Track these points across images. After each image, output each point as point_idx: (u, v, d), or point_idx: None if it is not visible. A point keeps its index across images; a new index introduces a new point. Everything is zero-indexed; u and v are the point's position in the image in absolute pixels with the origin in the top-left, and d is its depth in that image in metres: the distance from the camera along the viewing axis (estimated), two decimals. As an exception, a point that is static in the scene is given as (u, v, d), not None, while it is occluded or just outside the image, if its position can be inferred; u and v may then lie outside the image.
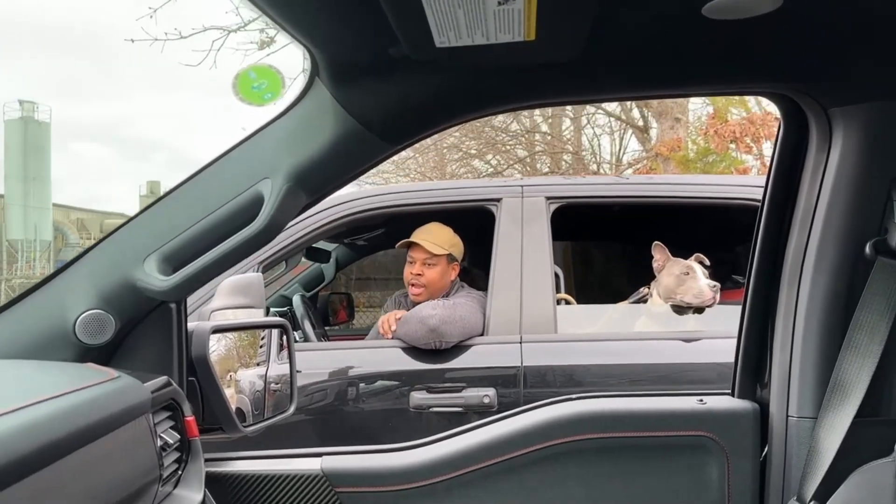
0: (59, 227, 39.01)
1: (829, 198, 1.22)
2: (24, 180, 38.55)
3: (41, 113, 40.86)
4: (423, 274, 2.72)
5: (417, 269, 2.73)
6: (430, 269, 2.72)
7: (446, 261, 2.75)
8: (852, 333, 1.19)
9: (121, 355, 1.17)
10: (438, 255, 2.72)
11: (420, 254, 2.73)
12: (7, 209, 37.72)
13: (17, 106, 40.32)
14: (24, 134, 39.39)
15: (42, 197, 39.09)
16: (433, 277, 2.73)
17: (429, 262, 2.72)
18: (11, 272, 34.13)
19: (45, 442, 0.75)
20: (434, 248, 2.71)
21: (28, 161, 39.12)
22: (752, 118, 7.80)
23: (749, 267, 1.37)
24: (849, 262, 1.22)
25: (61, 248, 36.18)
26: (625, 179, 3.02)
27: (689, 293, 2.63)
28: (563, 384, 2.46)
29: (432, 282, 2.73)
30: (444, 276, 2.75)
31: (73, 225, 40.08)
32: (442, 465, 1.37)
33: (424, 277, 2.72)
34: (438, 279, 2.74)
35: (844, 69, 1.10)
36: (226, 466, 1.38)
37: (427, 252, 2.71)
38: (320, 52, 1.00)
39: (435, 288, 2.74)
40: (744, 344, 1.39)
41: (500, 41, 0.90)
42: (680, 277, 2.67)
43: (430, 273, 2.72)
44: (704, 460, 1.37)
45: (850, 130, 1.17)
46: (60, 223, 39.53)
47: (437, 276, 2.73)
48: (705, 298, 2.60)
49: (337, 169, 1.14)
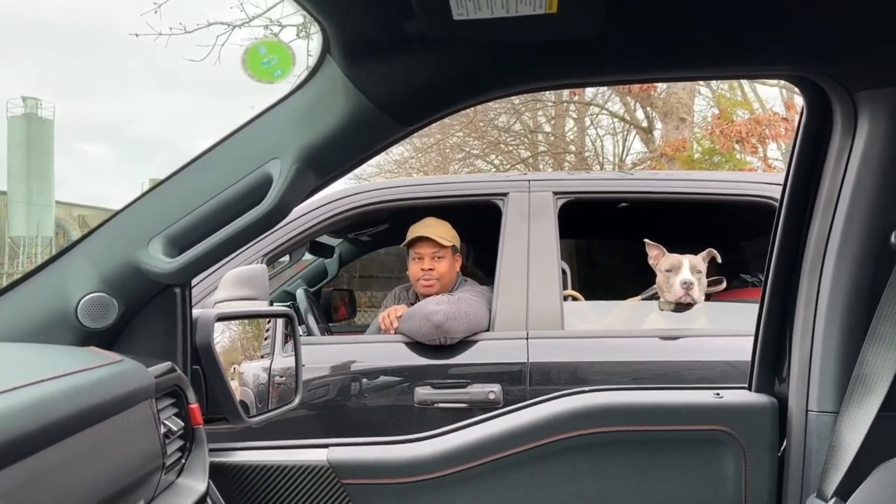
0: (60, 223, 39.03)
1: (853, 185, 1.19)
2: (26, 177, 38.59)
3: (44, 110, 40.96)
4: (434, 268, 2.72)
5: (428, 264, 2.72)
6: (439, 263, 2.72)
7: (451, 253, 2.75)
8: (876, 325, 1.16)
9: (123, 340, 1.14)
10: (445, 248, 2.72)
11: (428, 248, 2.72)
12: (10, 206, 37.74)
13: (20, 103, 40.41)
14: (28, 131, 39.45)
15: (45, 194, 39.13)
16: (444, 270, 2.73)
17: (438, 256, 2.72)
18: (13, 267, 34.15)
19: (46, 422, 0.72)
20: (442, 240, 2.70)
21: (31, 158, 39.17)
22: (758, 119, 7.77)
23: (768, 258, 1.34)
24: (873, 252, 1.19)
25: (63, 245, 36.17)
26: (632, 175, 2.98)
27: (670, 290, 2.60)
28: (570, 381, 2.42)
29: (444, 274, 2.73)
30: (452, 268, 2.77)
31: (76, 221, 40.06)
32: (450, 458, 1.34)
33: (436, 271, 2.72)
34: (448, 271, 2.75)
35: (871, 51, 1.07)
36: (230, 457, 1.35)
37: (436, 245, 2.70)
38: (333, 26, 0.97)
39: (446, 280, 2.74)
40: (762, 337, 1.36)
41: (520, 13, 0.87)
42: (665, 274, 2.65)
43: (441, 266, 2.73)
44: (720, 455, 1.33)
45: (876, 115, 1.14)
46: (62, 220, 39.56)
47: (447, 268, 2.74)
48: (678, 296, 2.57)
49: (348, 150, 1.11)
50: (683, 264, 2.60)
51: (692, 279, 2.56)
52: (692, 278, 2.56)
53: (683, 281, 2.55)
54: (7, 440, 0.66)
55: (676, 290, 2.57)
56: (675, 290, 2.57)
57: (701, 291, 2.60)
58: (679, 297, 2.56)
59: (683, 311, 2.61)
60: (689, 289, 2.54)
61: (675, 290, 2.57)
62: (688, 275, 2.57)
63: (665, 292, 2.64)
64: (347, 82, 1.04)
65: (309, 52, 6.17)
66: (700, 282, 2.60)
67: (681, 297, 2.56)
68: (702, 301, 2.61)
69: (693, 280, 2.56)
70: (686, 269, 2.59)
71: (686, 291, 2.55)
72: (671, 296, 2.60)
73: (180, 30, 6.76)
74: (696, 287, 2.56)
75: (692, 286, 2.55)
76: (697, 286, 2.56)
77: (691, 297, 2.55)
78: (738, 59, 1.10)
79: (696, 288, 2.55)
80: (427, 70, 1.04)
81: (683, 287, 2.55)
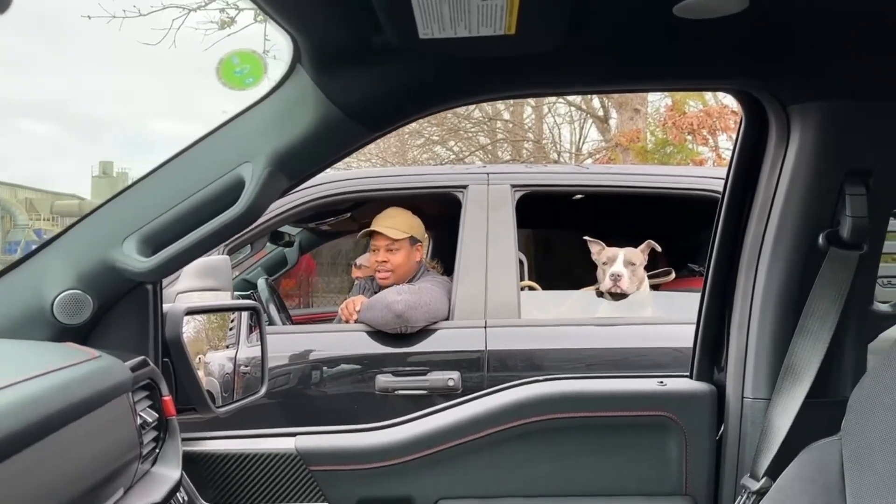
0: (5, 206, 37.68)
1: (785, 190, 1.28)
2: (-34, 158, 36.97)
3: (-17, 86, 39.21)
4: (388, 260, 2.77)
5: (382, 256, 2.77)
6: (393, 255, 2.77)
7: (409, 243, 2.79)
8: (805, 320, 1.26)
9: (97, 335, 1.17)
10: (400, 240, 2.76)
11: (382, 241, 2.77)
12: (-52, 188, 36.24)
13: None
14: (-34, 109, 37.76)
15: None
16: (398, 261, 2.77)
17: (391, 248, 2.77)
18: (-45, 252, 32.89)
19: (35, 419, 0.76)
20: (394, 232, 2.75)
21: (-31, 137, 37.51)
22: (709, 111, 7.98)
23: (709, 255, 1.44)
24: (803, 252, 1.29)
25: (9, 230, 34.97)
26: (587, 169, 3.09)
27: (603, 282, 2.77)
28: (526, 368, 2.52)
29: (398, 266, 2.77)
30: (409, 259, 2.80)
31: (22, 205, 38.73)
32: (414, 444, 1.41)
33: (390, 263, 2.77)
34: (404, 262, 2.78)
35: (803, 69, 1.16)
36: (202, 446, 1.40)
37: (388, 238, 2.75)
38: (303, 38, 1.01)
39: (402, 271, 2.78)
40: (702, 328, 1.46)
41: (481, 34, 0.94)
42: (603, 267, 2.80)
43: (395, 258, 2.77)
44: (665, 439, 1.43)
45: (807, 127, 1.24)
46: (7, 202, 38.18)
47: (402, 259, 2.78)
48: (608, 287, 2.73)
49: (317, 154, 1.16)
50: (618, 257, 2.76)
51: (622, 271, 2.72)
52: (622, 270, 2.72)
53: (612, 273, 2.72)
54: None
55: (607, 281, 2.74)
56: (606, 281, 2.74)
57: (633, 282, 2.75)
58: (609, 287, 2.74)
59: (618, 300, 2.77)
60: (617, 280, 2.72)
61: (606, 282, 2.74)
62: (618, 267, 2.73)
63: (600, 283, 2.80)
64: (317, 90, 1.09)
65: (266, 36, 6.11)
66: (635, 273, 2.76)
67: (610, 287, 2.73)
68: (633, 291, 2.76)
69: (623, 272, 2.72)
70: (619, 261, 2.75)
71: (615, 283, 2.72)
72: (603, 286, 2.78)
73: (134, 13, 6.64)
74: (626, 278, 2.72)
75: (620, 277, 2.72)
76: (628, 277, 2.73)
77: (620, 288, 2.72)
78: (684, 74, 1.19)
79: (625, 279, 2.72)
80: (394, 80, 1.09)
81: (612, 279, 2.72)
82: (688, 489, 1.43)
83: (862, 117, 1.21)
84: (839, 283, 1.25)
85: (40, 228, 30.49)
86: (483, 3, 0.86)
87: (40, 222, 33.48)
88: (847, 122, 1.22)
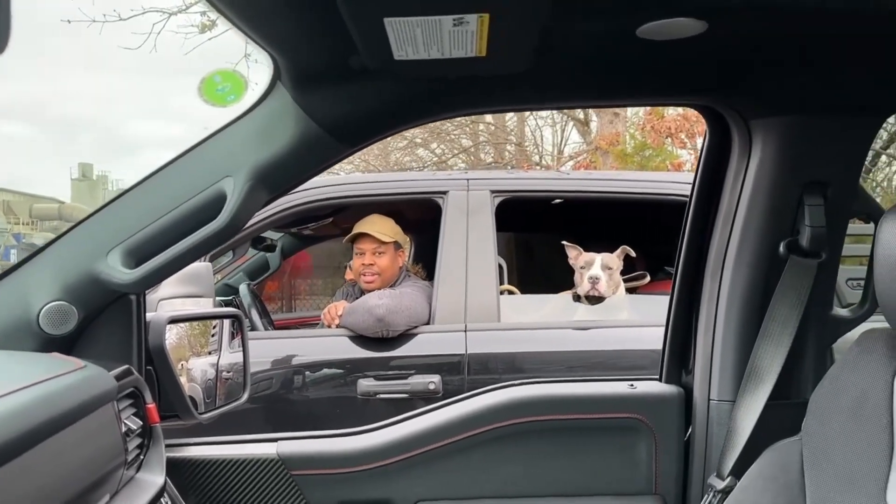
0: (-18, 210, 37.13)
1: (748, 201, 1.34)
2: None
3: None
4: (375, 263, 2.80)
5: (368, 259, 2.80)
6: (380, 258, 2.80)
7: (393, 248, 2.84)
8: (767, 324, 1.32)
9: (82, 345, 1.20)
10: (386, 244, 2.80)
11: (369, 244, 2.80)
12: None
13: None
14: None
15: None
16: (385, 265, 2.81)
17: (378, 251, 2.81)
18: (-69, 257, 32.33)
19: (24, 429, 0.78)
20: (382, 236, 2.79)
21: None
22: (687, 115, 8.08)
23: (676, 262, 1.49)
24: (765, 260, 1.34)
25: (-14, 234, 34.46)
26: (566, 175, 3.15)
27: (581, 285, 2.83)
28: (506, 371, 2.56)
29: (385, 269, 2.81)
30: (393, 263, 2.84)
31: (-1, 208, 38.23)
32: (392, 448, 1.45)
33: (376, 266, 2.80)
34: (389, 266, 2.82)
35: (762, 86, 1.22)
36: (185, 451, 1.43)
37: (376, 241, 2.79)
38: (283, 58, 1.05)
39: (388, 275, 2.83)
40: (671, 333, 1.51)
41: (454, 56, 0.98)
42: (580, 271, 2.86)
43: (381, 261, 2.81)
44: (635, 440, 1.48)
45: (767, 140, 1.29)
46: (-16, 206, 37.63)
47: (388, 263, 2.82)
48: (586, 290, 2.80)
49: (296, 168, 1.20)
50: (595, 262, 2.82)
51: (599, 274, 2.78)
52: (600, 274, 2.78)
53: (590, 276, 2.78)
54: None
55: (585, 284, 2.79)
56: (584, 284, 2.80)
57: (610, 286, 2.81)
58: (587, 290, 2.79)
59: (596, 303, 2.82)
60: (595, 283, 2.77)
61: (584, 285, 2.80)
62: (596, 271, 2.79)
63: (578, 286, 2.86)
64: (297, 107, 1.13)
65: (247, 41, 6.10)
66: (611, 277, 2.82)
67: (588, 290, 2.79)
68: (610, 294, 2.82)
69: (600, 275, 2.78)
70: (597, 265, 2.81)
71: (593, 286, 2.78)
72: (581, 290, 2.83)
73: (115, 17, 6.61)
74: (603, 282, 2.77)
75: (598, 280, 2.77)
76: (605, 281, 2.78)
77: (598, 291, 2.78)
78: (650, 91, 1.25)
79: (602, 283, 2.77)
80: (371, 98, 1.14)
81: (590, 282, 2.78)
82: (657, 489, 1.48)
83: (819, 131, 1.27)
84: (799, 290, 1.30)
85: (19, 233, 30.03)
86: (455, 28, 0.90)
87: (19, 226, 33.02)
88: (805, 136, 1.28)
